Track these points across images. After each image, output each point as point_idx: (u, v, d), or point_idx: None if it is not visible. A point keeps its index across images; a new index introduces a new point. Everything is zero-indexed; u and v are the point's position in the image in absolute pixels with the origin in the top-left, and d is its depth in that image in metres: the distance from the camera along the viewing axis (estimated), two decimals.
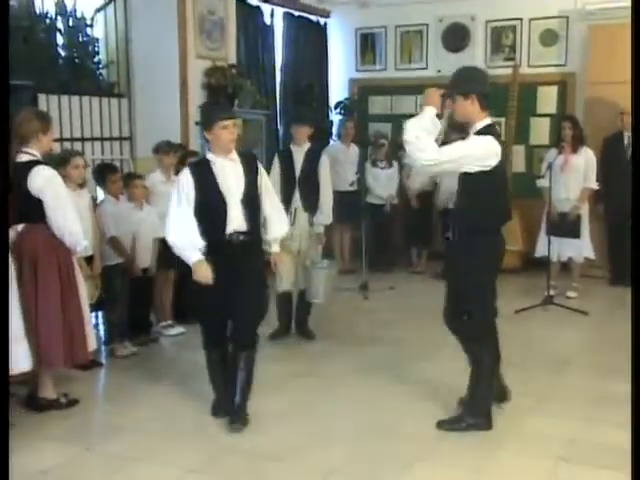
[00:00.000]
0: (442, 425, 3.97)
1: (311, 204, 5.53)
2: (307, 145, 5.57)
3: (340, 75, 9.40)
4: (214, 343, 4.10)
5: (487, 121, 3.93)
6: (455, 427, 3.94)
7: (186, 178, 3.86)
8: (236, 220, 3.86)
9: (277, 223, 4.14)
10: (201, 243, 3.83)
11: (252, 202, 3.93)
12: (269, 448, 3.75)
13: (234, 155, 3.93)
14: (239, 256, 3.87)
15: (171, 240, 3.85)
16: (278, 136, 8.50)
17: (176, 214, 3.85)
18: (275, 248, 4.22)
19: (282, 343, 5.59)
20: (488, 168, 3.79)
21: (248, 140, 7.34)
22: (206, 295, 3.88)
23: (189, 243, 3.82)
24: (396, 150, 8.49)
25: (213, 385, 4.18)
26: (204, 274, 3.81)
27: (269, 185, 4.14)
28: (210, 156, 3.93)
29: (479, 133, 3.88)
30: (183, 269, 4.02)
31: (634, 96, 4.21)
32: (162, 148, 5.84)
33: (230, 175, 3.89)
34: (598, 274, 7.48)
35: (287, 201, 5.46)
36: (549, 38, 8.31)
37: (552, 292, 6.64)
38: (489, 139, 3.81)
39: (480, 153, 3.79)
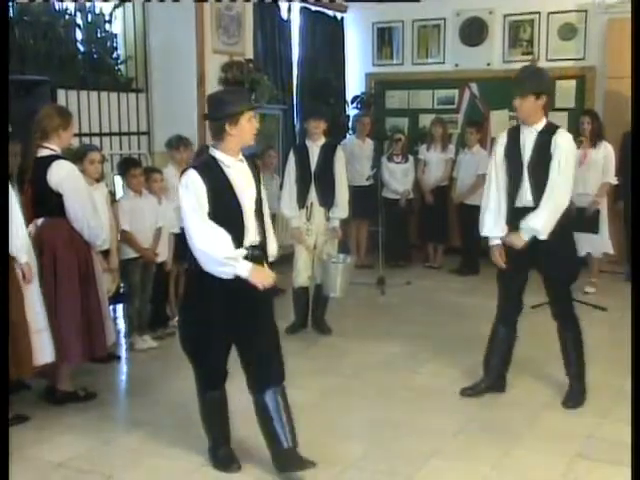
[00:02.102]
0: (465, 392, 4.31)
1: (327, 199, 5.53)
2: (323, 140, 5.57)
3: (357, 70, 9.38)
4: (213, 382, 3.47)
5: (545, 121, 4.12)
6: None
7: (196, 182, 3.16)
8: (251, 232, 3.28)
9: (272, 241, 3.48)
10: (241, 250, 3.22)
11: (261, 212, 3.37)
12: None
13: (242, 156, 3.36)
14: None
15: (211, 254, 3.13)
16: (295, 131, 8.51)
17: (199, 227, 3.15)
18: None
19: (298, 337, 5.60)
20: None
21: (265, 135, 7.36)
22: (211, 324, 3.29)
23: (235, 252, 3.17)
24: (412, 145, 8.50)
25: (211, 429, 3.54)
26: (265, 276, 3.22)
27: (264, 193, 3.53)
28: (219, 155, 3.28)
29: (547, 132, 4.08)
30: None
31: (634, 96, 4.18)
32: (173, 143, 5.87)
33: (242, 179, 3.29)
34: (617, 270, 7.43)
35: (303, 196, 5.48)
36: (568, 32, 8.24)
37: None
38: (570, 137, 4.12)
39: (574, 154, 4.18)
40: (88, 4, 6.44)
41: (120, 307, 5.90)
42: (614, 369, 4.81)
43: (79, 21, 6.42)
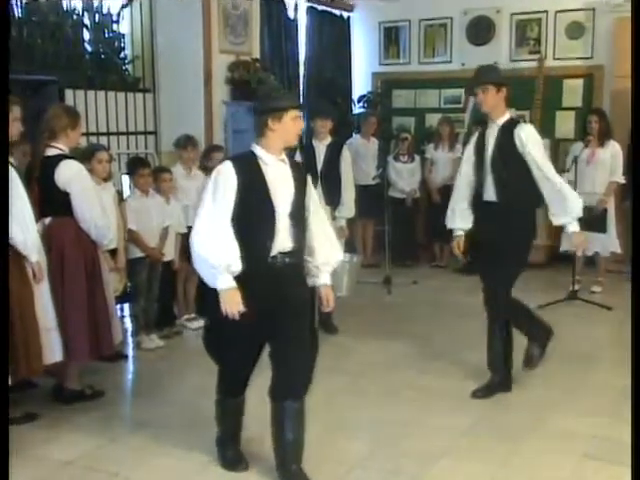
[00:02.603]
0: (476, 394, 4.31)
1: (333, 198, 5.53)
2: (329, 139, 5.58)
3: (363, 69, 9.38)
4: (235, 390, 3.39)
5: (508, 115, 4.18)
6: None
7: (227, 174, 3.02)
8: (283, 237, 3.08)
9: (329, 247, 3.27)
10: (237, 263, 3.01)
11: (300, 216, 3.15)
12: None
13: (284, 156, 3.17)
14: (283, 282, 3.10)
15: (200, 253, 3.01)
16: (301, 129, 8.50)
17: (209, 220, 3.01)
18: (325, 278, 3.30)
19: None
20: None
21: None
22: (237, 329, 3.10)
23: (222, 261, 2.97)
24: (419, 144, 8.49)
25: (223, 430, 3.51)
26: (234, 304, 3.01)
27: (317, 199, 3.32)
28: (259, 151, 3.11)
29: (508, 127, 4.16)
30: None
31: (634, 96, 4.18)
32: (181, 143, 5.88)
33: (280, 180, 3.09)
34: (623, 269, 7.40)
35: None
36: (575, 30, 8.22)
37: (577, 287, 6.59)
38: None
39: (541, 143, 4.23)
40: (96, 4, 6.46)
41: (127, 306, 5.91)
42: (619, 369, 4.80)
43: (87, 21, 6.46)
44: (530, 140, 4.14)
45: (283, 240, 3.08)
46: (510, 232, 4.21)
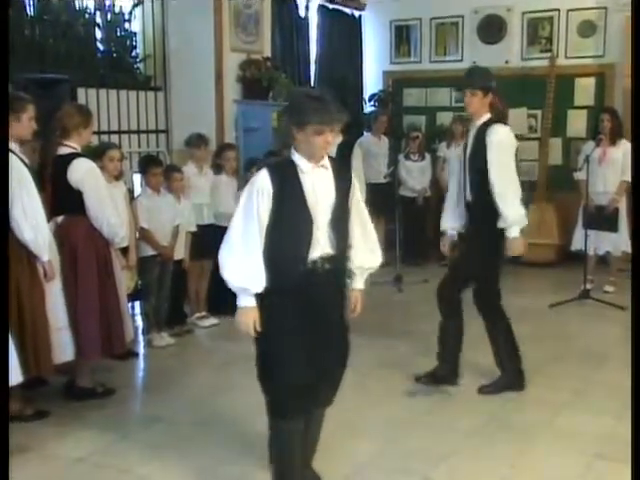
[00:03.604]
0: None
1: None
2: (340, 137, 5.56)
3: (374, 67, 9.38)
4: (299, 408, 3.04)
5: (488, 116, 4.31)
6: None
7: (262, 185, 2.89)
8: (322, 243, 2.97)
9: (366, 250, 3.15)
10: (262, 282, 2.90)
11: (342, 221, 3.03)
12: None
13: (326, 161, 3.01)
14: (323, 289, 3.00)
15: (223, 274, 2.93)
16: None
17: (235, 239, 2.91)
18: (359, 283, 3.20)
19: None
20: None
21: (283, 133, 7.37)
22: (288, 344, 2.97)
23: (247, 282, 2.90)
24: (430, 143, 8.48)
25: (282, 470, 3.17)
26: (246, 324, 2.95)
27: (361, 201, 3.18)
28: (297, 159, 2.97)
29: (483, 128, 4.27)
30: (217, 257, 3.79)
31: (634, 95, 4.16)
32: (193, 141, 5.90)
33: (320, 185, 2.98)
34: None
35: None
36: (587, 29, 8.18)
37: (589, 286, 6.56)
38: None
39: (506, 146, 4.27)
40: (108, 3, 6.48)
41: (138, 304, 5.93)
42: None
43: (99, 20, 6.48)
44: (494, 143, 4.19)
45: (322, 247, 2.96)
46: (481, 232, 4.31)
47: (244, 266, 2.88)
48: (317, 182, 2.97)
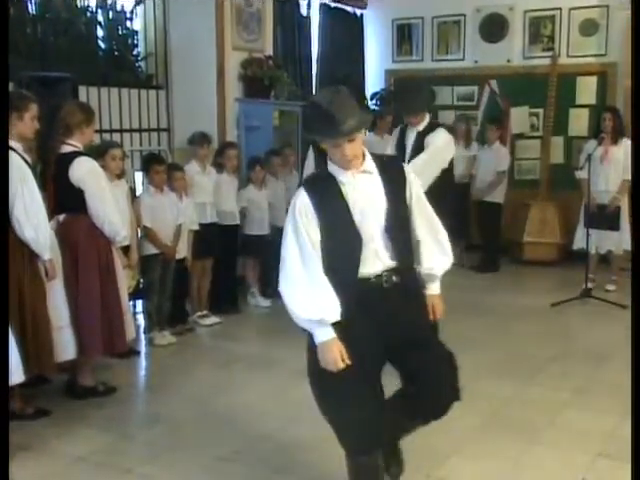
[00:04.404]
0: None
1: None
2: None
3: (376, 66, 9.36)
4: (368, 444, 2.75)
5: (427, 121, 4.94)
6: None
7: (303, 208, 2.64)
8: (381, 256, 2.68)
9: (434, 252, 2.82)
10: (332, 313, 2.60)
11: (401, 227, 2.73)
12: (303, 437, 3.75)
13: (367, 165, 2.70)
14: (395, 307, 2.70)
15: (290, 308, 2.64)
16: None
17: (300, 265, 2.62)
18: (433, 288, 2.88)
19: None
20: None
21: (284, 132, 7.38)
22: (357, 380, 2.65)
23: (320, 313, 2.58)
24: None
25: None
26: (332, 360, 2.60)
27: (422, 198, 2.82)
28: (334, 170, 2.69)
29: (424, 132, 4.86)
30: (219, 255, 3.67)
31: (634, 95, 4.15)
32: (196, 140, 5.90)
33: (364, 194, 2.67)
34: None
35: None
36: (589, 28, 8.17)
37: (590, 285, 6.56)
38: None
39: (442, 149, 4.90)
40: (109, 1, 6.48)
41: (140, 303, 5.93)
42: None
43: (100, 18, 6.47)
44: (433, 141, 4.66)
45: (382, 261, 2.68)
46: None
47: (312, 295, 2.59)
48: (361, 191, 2.67)
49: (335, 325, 2.62)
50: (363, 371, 2.66)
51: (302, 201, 2.65)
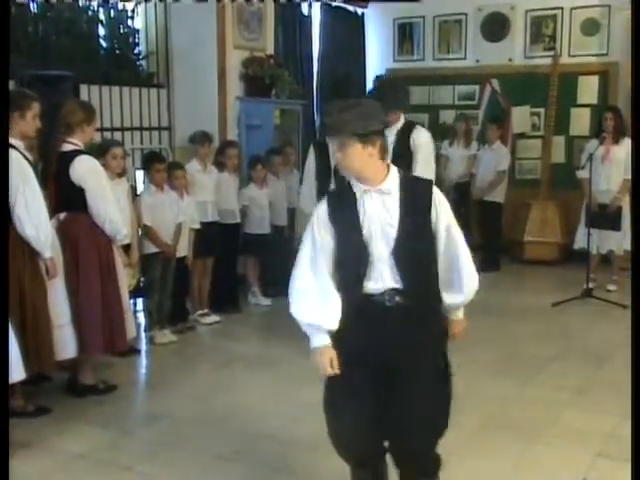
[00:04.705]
0: None
1: None
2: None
3: (377, 65, 9.35)
4: (353, 457, 2.77)
5: (403, 119, 4.78)
6: None
7: (320, 210, 2.66)
8: (385, 276, 2.60)
9: (450, 287, 2.72)
10: (335, 318, 2.61)
11: (413, 251, 2.60)
12: (303, 437, 3.75)
13: (387, 184, 2.60)
14: (399, 326, 2.60)
15: (292, 312, 2.65)
16: (315, 126, 8.51)
17: (309, 269, 2.64)
18: (456, 313, 2.82)
19: None
20: None
21: (285, 130, 7.38)
22: (341, 391, 2.66)
23: (318, 319, 2.61)
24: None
25: None
26: (322, 366, 2.63)
27: (452, 227, 2.66)
28: (354, 184, 2.63)
29: (404, 130, 4.74)
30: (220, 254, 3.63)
31: (634, 95, 4.15)
32: (197, 138, 5.90)
33: (376, 215, 2.59)
34: None
35: (323, 192, 5.40)
36: (590, 27, 8.17)
37: (591, 285, 6.55)
38: None
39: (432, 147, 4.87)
40: (111, 0, 6.48)
41: (140, 301, 5.94)
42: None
43: (102, 17, 6.47)
44: (422, 143, 4.67)
45: (385, 281, 2.59)
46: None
47: (316, 303, 2.62)
48: (373, 210, 2.59)
49: (334, 334, 2.62)
50: (350, 385, 2.63)
51: (321, 209, 2.65)
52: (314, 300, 2.62)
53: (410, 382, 2.61)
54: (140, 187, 5.85)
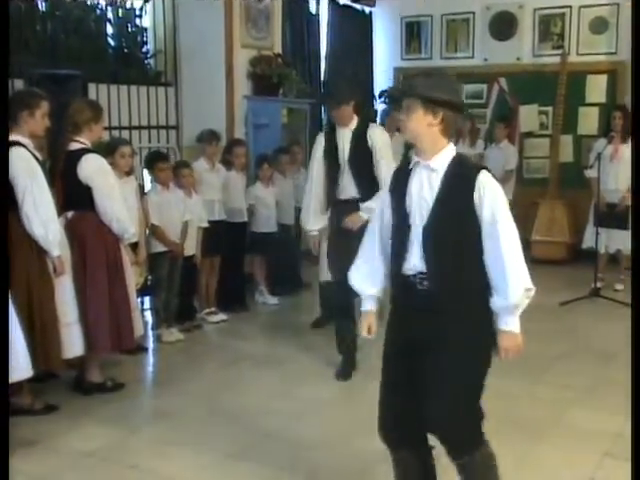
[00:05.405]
0: None
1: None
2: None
3: (385, 64, 9.35)
4: (384, 436, 2.74)
5: (356, 120, 4.73)
6: None
7: (387, 187, 2.74)
8: (413, 258, 2.55)
9: (509, 277, 2.54)
10: (375, 285, 2.74)
11: (443, 234, 2.51)
12: (310, 435, 3.76)
13: (436, 162, 2.55)
14: (423, 317, 2.53)
15: (349, 281, 2.81)
16: (322, 125, 8.51)
17: (364, 245, 2.79)
18: (502, 323, 2.73)
19: (323, 332, 5.59)
20: None
21: (292, 129, 7.38)
22: (388, 362, 2.69)
23: (360, 284, 2.76)
24: None
25: None
26: (364, 327, 2.79)
27: (502, 222, 2.60)
28: (412, 157, 2.64)
29: (359, 129, 4.71)
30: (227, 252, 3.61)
31: (634, 95, 4.13)
32: (205, 137, 5.91)
33: (417, 191, 2.56)
34: None
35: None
36: (599, 26, 8.14)
37: (599, 284, 6.54)
38: None
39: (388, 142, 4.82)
40: None
41: (148, 299, 5.95)
42: None
43: (110, 16, 6.49)
44: (378, 139, 4.63)
45: (414, 264, 2.55)
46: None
47: (359, 268, 2.79)
48: (419, 183, 2.56)
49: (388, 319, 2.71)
50: (388, 365, 2.69)
51: (388, 183, 2.76)
52: (364, 270, 2.77)
53: (436, 371, 2.56)
54: (148, 186, 5.86)
